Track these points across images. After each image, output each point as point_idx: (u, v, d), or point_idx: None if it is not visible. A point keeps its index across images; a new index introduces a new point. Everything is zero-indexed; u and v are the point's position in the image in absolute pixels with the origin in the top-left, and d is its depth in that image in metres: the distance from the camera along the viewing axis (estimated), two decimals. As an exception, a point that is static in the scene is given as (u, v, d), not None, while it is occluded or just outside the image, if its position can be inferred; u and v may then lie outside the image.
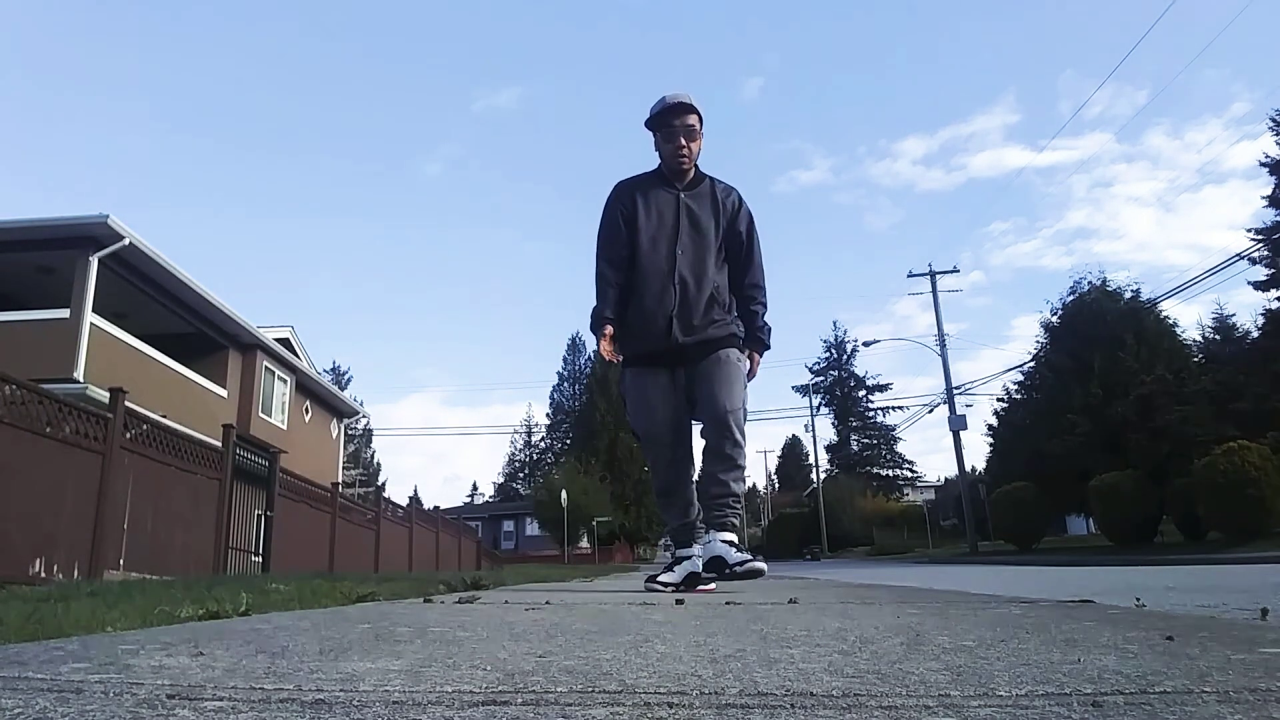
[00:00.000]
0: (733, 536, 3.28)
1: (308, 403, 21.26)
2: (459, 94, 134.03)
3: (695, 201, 3.51)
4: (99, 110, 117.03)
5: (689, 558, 3.39)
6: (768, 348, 3.63)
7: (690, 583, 3.36)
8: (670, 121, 3.45)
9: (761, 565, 3.17)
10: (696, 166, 3.57)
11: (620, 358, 3.52)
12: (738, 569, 3.13)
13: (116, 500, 7.10)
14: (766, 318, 3.62)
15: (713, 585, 3.40)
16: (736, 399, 3.35)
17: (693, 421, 3.54)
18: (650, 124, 3.51)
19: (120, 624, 2.00)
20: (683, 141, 3.44)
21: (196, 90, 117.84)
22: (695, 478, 3.49)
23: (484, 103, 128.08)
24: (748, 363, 3.53)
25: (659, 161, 3.57)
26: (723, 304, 3.48)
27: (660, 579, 3.41)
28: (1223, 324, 26.15)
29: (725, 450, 3.31)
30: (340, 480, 18.23)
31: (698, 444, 3.52)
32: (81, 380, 11.97)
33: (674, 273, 3.39)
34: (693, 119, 3.46)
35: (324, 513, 12.74)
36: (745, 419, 3.41)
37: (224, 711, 0.81)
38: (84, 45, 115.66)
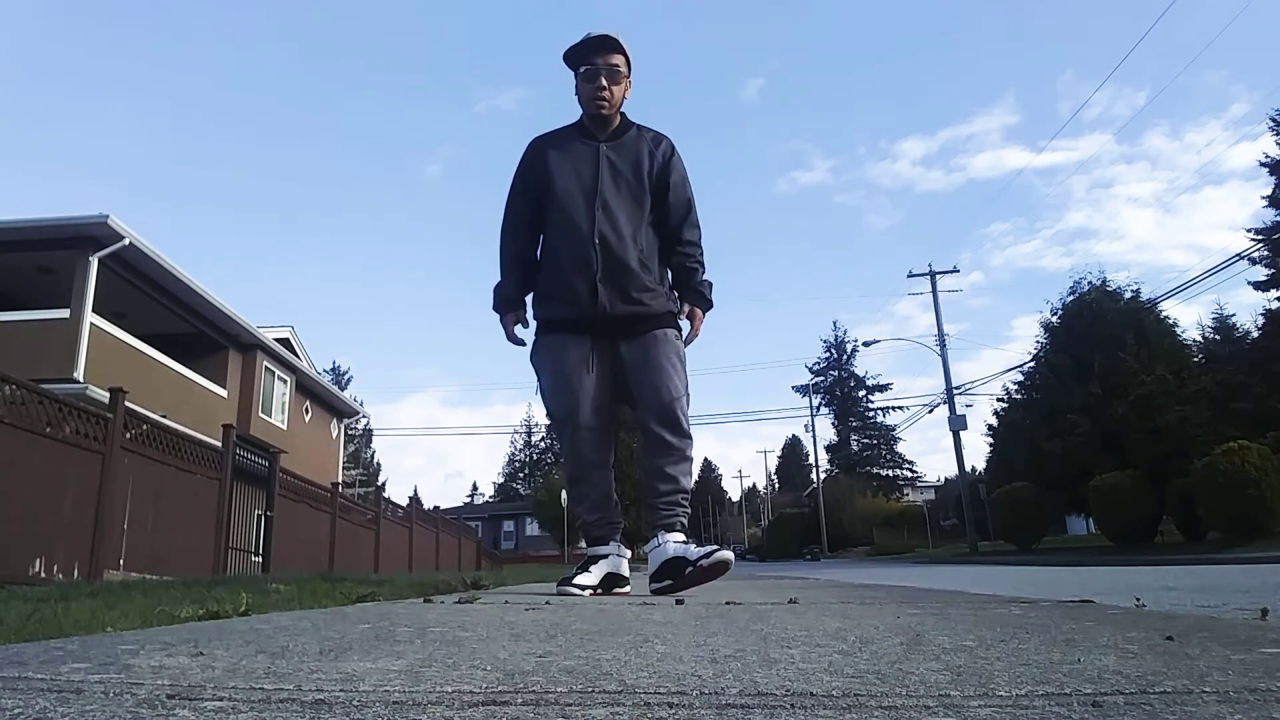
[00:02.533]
0: (683, 538, 3.00)
1: (308, 403, 21.26)
2: (461, 95, 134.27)
3: (617, 152, 3.10)
4: (99, 110, 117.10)
5: (605, 556, 3.06)
6: (710, 305, 3.22)
7: (609, 584, 3.03)
8: (591, 59, 3.03)
9: (728, 555, 2.87)
10: (623, 115, 3.16)
11: (524, 341, 3.14)
12: (703, 563, 2.84)
13: (116, 500, 7.10)
14: (706, 276, 3.22)
15: (627, 589, 3.08)
16: (679, 385, 3.04)
17: (618, 405, 3.20)
18: (568, 60, 3.09)
19: (120, 624, 2.00)
20: (603, 82, 3.02)
21: (198, 91, 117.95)
22: (611, 463, 3.17)
23: (486, 104, 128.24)
24: (684, 336, 3.18)
25: (580, 110, 3.17)
26: (652, 272, 3.09)
27: (576, 581, 2.97)
28: (1223, 324, 26.18)
29: (675, 442, 3.03)
30: (340, 480, 18.23)
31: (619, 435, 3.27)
32: (81, 380, 11.97)
33: (594, 233, 2.99)
34: (617, 59, 3.05)
35: (324, 513, 12.74)
36: (689, 405, 3.10)
37: (224, 711, 0.81)
38: (85, 45, 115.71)
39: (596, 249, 2.99)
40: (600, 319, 3.02)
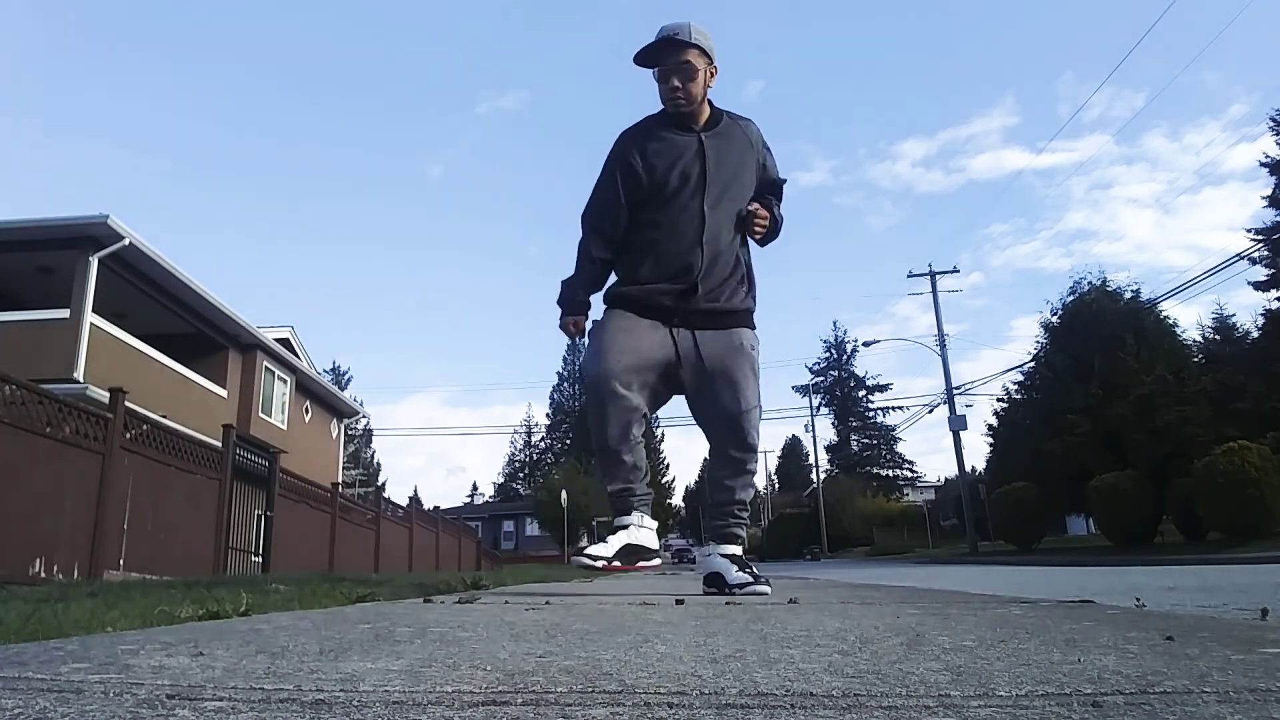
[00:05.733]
0: (737, 550, 2.99)
1: (308, 403, 21.25)
2: (463, 96, 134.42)
3: (720, 143, 3.01)
4: (100, 110, 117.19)
5: (625, 527, 2.98)
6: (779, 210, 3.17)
7: (627, 555, 2.94)
8: (662, 60, 2.94)
9: (766, 589, 2.84)
10: (711, 103, 3.06)
11: (584, 336, 3.07)
12: (737, 590, 2.85)
13: (116, 500, 7.09)
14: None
15: (655, 562, 3.07)
16: (753, 395, 2.98)
17: (666, 389, 3.10)
18: (640, 63, 2.98)
19: (120, 624, 2.00)
20: (676, 83, 2.92)
21: (198, 90, 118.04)
22: (641, 437, 3.06)
23: (488, 105, 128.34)
24: (758, 344, 3.11)
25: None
26: (745, 273, 3.08)
27: (589, 551, 2.92)
28: (1223, 324, 26.17)
29: (736, 455, 2.99)
30: (340, 480, 18.22)
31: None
32: (81, 380, 11.97)
33: (703, 231, 2.93)
34: (689, 55, 2.92)
35: (324, 513, 12.74)
36: (760, 417, 3.04)
37: (224, 711, 0.81)
38: (85, 45, 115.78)
39: (704, 248, 2.95)
40: (685, 312, 2.98)
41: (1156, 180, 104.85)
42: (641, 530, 3.00)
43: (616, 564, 2.90)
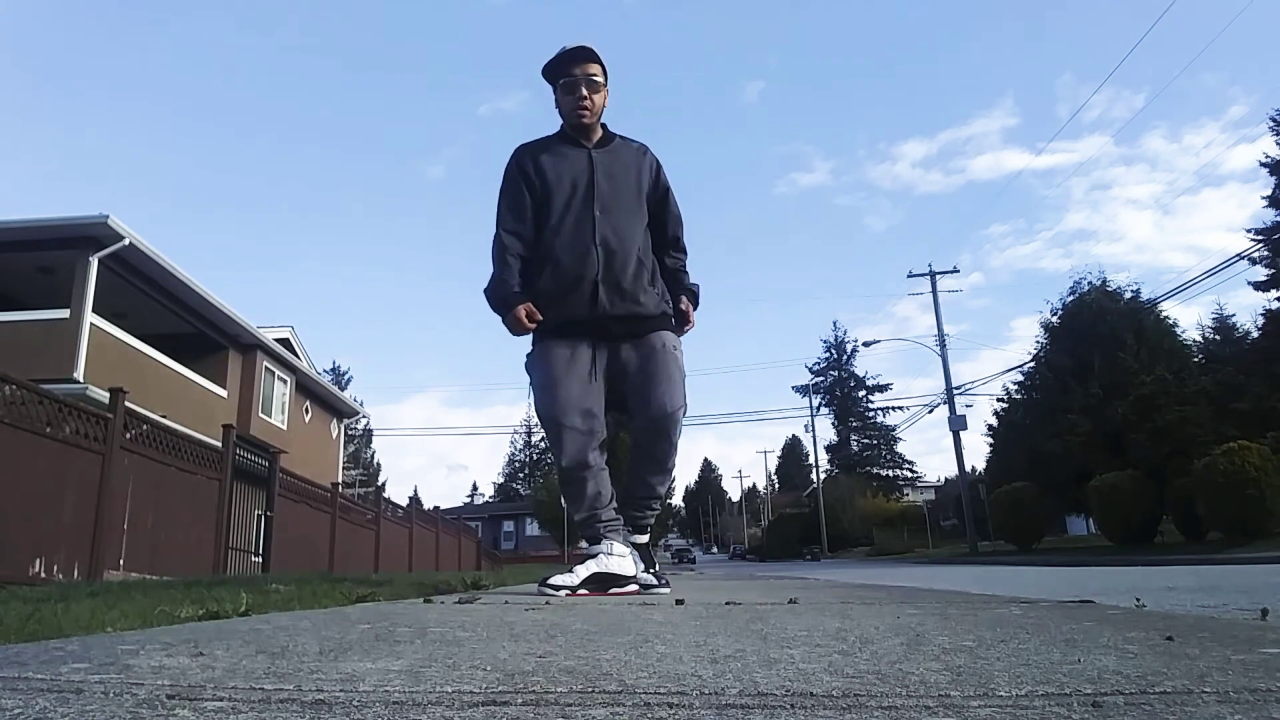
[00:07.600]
0: (646, 539, 3.23)
1: (308, 403, 21.24)
2: (465, 98, 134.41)
3: (609, 158, 3.18)
4: (100, 110, 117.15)
5: (593, 555, 3.02)
6: (698, 303, 3.37)
7: (601, 584, 2.98)
8: (570, 70, 3.11)
9: (665, 590, 3.02)
10: (604, 125, 3.25)
11: (533, 326, 3.10)
12: (643, 588, 3.05)
13: (116, 500, 7.09)
14: (691, 276, 3.39)
15: (631, 588, 3.04)
16: (678, 396, 3.08)
17: (606, 408, 3.20)
18: (548, 74, 3.16)
19: (120, 624, 2.00)
20: (584, 92, 3.10)
21: (199, 90, 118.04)
22: (603, 464, 3.14)
23: (489, 106, 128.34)
24: (681, 345, 3.24)
25: (560, 121, 3.25)
26: (651, 273, 3.16)
27: (552, 581, 2.94)
28: (1223, 324, 26.22)
29: (659, 455, 3.13)
30: (340, 480, 18.21)
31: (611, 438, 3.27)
32: (81, 380, 11.96)
33: (595, 234, 3.05)
34: (594, 69, 3.12)
35: (324, 513, 12.73)
36: (685, 415, 3.16)
37: (224, 711, 0.81)
38: (85, 45, 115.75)
39: (598, 249, 3.04)
40: (599, 319, 3.05)
41: (1156, 181, 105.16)
42: (612, 558, 3.01)
43: (583, 592, 2.89)
